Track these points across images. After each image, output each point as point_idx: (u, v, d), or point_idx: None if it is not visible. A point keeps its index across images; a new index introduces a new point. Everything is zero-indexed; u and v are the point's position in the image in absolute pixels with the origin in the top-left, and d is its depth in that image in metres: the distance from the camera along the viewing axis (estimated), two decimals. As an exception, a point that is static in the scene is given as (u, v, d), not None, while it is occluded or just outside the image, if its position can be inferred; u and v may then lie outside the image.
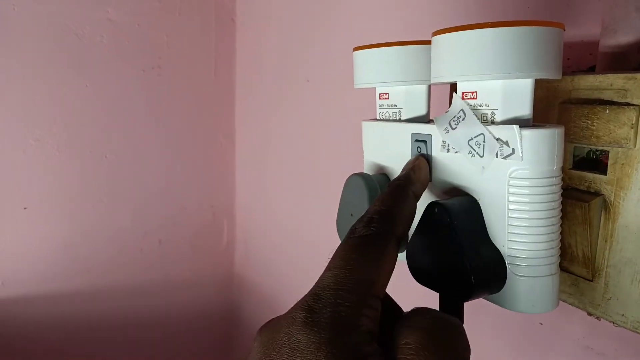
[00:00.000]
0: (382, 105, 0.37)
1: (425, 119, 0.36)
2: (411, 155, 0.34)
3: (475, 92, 0.29)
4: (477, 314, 0.44)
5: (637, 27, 0.33)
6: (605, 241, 0.29)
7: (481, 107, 0.29)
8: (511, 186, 0.27)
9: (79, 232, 0.90)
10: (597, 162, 0.31)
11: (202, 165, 1.00)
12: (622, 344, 0.35)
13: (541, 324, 0.42)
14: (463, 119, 0.29)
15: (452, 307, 0.30)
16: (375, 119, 0.38)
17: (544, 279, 0.27)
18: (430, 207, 0.29)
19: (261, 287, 0.97)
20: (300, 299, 0.22)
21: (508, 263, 0.28)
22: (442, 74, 0.28)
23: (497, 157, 0.27)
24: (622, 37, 0.33)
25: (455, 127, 0.30)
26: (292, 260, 0.85)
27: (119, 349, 0.96)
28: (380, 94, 0.37)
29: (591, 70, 0.36)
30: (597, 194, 0.29)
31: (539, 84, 0.33)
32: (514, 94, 0.27)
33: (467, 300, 0.28)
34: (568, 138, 0.31)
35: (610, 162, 0.29)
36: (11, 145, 0.82)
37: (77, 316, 0.91)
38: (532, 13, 0.42)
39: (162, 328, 1.00)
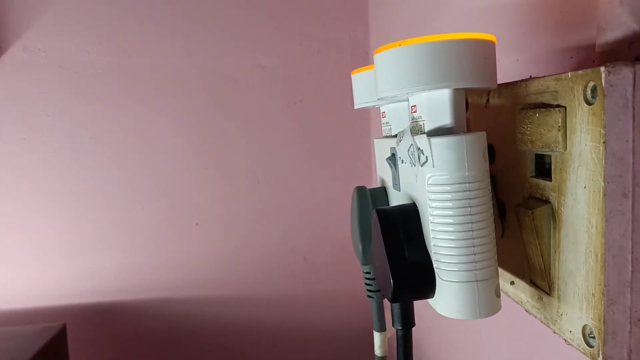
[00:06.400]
0: (383, 123, 0.40)
1: (409, 134, 0.37)
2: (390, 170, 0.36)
3: (415, 105, 0.30)
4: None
5: (623, 22, 0.30)
6: (555, 252, 0.27)
7: (419, 119, 0.30)
8: (429, 192, 0.28)
9: (236, 246, 1.05)
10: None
11: (342, 188, 1.08)
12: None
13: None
14: (405, 132, 0.31)
15: (401, 309, 0.31)
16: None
17: (466, 285, 0.27)
18: (373, 212, 0.31)
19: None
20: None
21: (435, 267, 0.29)
22: (378, 90, 0.31)
23: (420, 165, 0.29)
24: (610, 34, 0.31)
25: (401, 140, 0.32)
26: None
27: (264, 352, 1.08)
28: (381, 112, 0.40)
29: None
30: (546, 201, 0.28)
31: (500, 92, 0.33)
32: (435, 104, 0.28)
33: (395, 302, 0.29)
34: (520, 144, 0.30)
35: (552, 167, 0.27)
36: (186, 173, 1.02)
37: (229, 318, 1.06)
38: (562, 14, 0.40)
39: (303, 340, 1.09)
